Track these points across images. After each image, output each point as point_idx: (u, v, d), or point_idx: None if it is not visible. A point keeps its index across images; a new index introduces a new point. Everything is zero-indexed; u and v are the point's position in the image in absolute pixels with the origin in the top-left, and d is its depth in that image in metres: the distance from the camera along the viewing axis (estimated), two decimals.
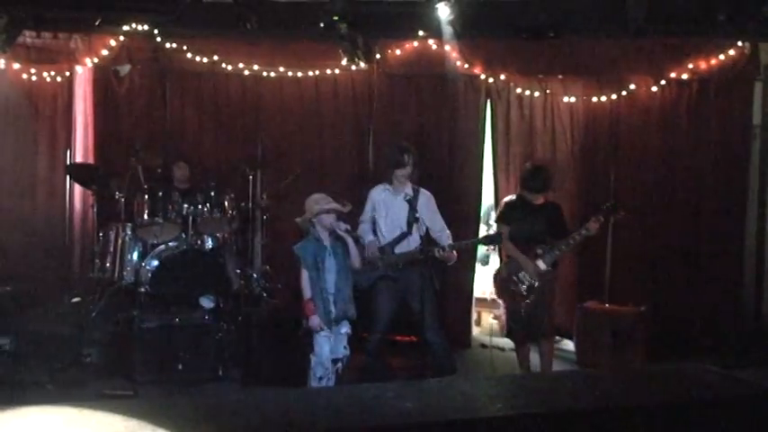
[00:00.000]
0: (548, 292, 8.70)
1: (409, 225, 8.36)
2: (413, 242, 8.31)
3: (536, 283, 8.58)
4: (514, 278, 8.66)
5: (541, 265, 8.54)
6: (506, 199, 9.26)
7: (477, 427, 4.08)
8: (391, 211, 8.47)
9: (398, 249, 8.39)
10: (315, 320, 7.34)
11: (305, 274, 7.43)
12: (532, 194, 8.78)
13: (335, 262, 7.47)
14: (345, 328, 7.55)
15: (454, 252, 8.29)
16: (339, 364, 7.50)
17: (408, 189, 8.45)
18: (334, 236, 7.51)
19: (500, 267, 9.10)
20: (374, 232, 8.54)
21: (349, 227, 7.55)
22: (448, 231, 8.51)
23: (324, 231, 7.47)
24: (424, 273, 8.02)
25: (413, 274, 8.19)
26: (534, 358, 9.09)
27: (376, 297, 8.44)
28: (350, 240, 7.52)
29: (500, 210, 9.08)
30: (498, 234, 8.88)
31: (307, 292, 7.42)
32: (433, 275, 7.96)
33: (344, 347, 7.53)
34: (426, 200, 8.52)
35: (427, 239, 8.17)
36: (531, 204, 8.80)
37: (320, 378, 7.36)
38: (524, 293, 8.60)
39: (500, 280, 8.93)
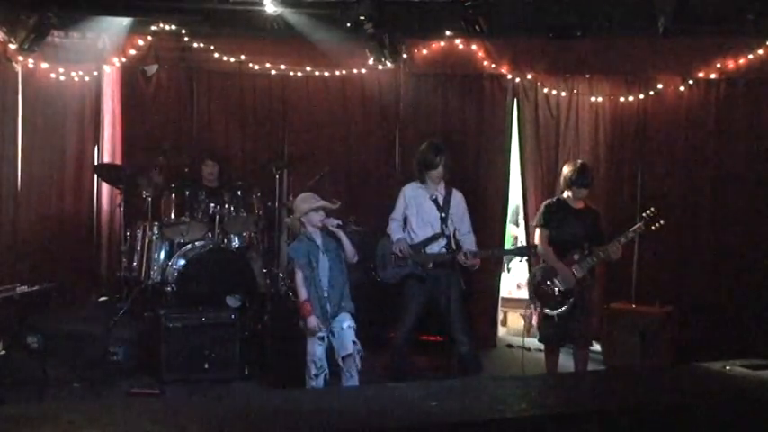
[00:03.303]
0: (584, 299, 8.48)
1: (441, 225, 8.35)
2: (443, 242, 8.31)
3: (571, 290, 8.41)
4: (549, 282, 8.46)
5: (578, 271, 8.34)
6: (546, 202, 9.11)
7: (504, 428, 4.08)
8: (422, 209, 8.41)
9: (429, 249, 8.36)
10: (312, 321, 7.32)
11: (299, 275, 7.43)
12: (580, 192, 8.54)
13: (328, 258, 7.46)
14: (348, 322, 7.48)
15: (478, 258, 8.28)
16: (357, 360, 7.45)
17: (441, 189, 8.42)
18: (325, 233, 7.50)
19: (535, 271, 8.89)
20: (404, 230, 8.51)
21: (341, 222, 7.56)
22: (473, 236, 8.46)
23: (314, 230, 7.48)
24: (451, 272, 8.04)
25: (440, 274, 8.18)
26: (567, 365, 9.01)
27: (404, 295, 8.44)
28: (342, 235, 7.51)
29: (539, 213, 8.91)
30: (528, 247, 8.83)
31: (302, 293, 7.41)
32: (460, 275, 7.95)
33: (354, 342, 7.46)
34: (458, 201, 8.49)
35: (454, 241, 8.18)
36: (572, 208, 8.60)
37: (315, 375, 7.36)
38: (559, 299, 8.42)
39: (535, 284, 8.73)
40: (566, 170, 8.75)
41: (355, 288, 7.78)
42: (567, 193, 8.62)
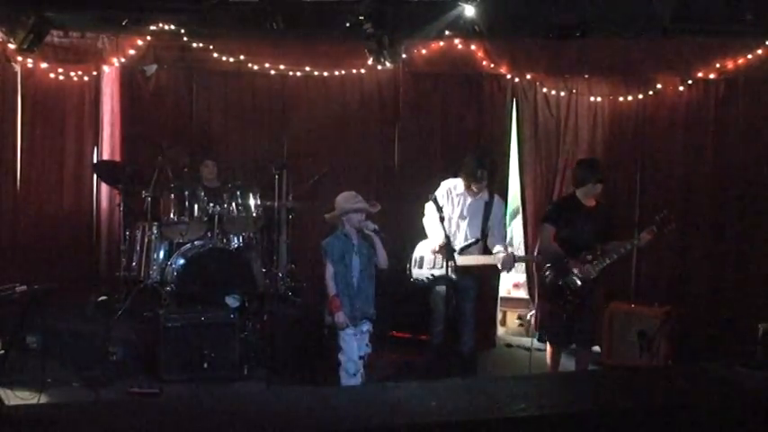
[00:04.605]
0: (594, 300, 8.50)
1: (483, 232, 8.59)
2: (481, 247, 8.63)
3: (583, 288, 8.33)
4: (561, 283, 8.40)
5: (591, 272, 8.29)
6: (557, 199, 9.07)
7: (501, 427, 4.08)
8: (470, 213, 8.64)
9: (468, 253, 8.57)
10: (341, 317, 7.33)
11: (330, 270, 7.42)
12: (595, 189, 8.49)
13: (360, 261, 7.46)
14: (367, 326, 7.53)
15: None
16: (361, 362, 7.48)
17: (486, 194, 8.64)
18: (361, 235, 7.49)
19: (546, 270, 8.84)
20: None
21: (377, 226, 7.52)
22: (505, 243, 8.74)
23: (352, 229, 7.47)
24: (474, 276, 8.45)
25: (469, 277, 8.48)
26: (567, 365, 8.99)
27: (433, 296, 8.65)
28: (377, 240, 7.50)
29: (549, 208, 8.89)
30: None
31: (332, 288, 7.41)
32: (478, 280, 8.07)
33: (366, 345, 7.52)
34: (499, 207, 8.73)
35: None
36: (583, 206, 8.54)
37: (353, 374, 7.37)
38: (570, 298, 8.36)
39: (546, 283, 8.71)
40: (578, 167, 8.74)
41: None
42: (579, 191, 8.57)
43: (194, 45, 11.06)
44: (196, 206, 10.32)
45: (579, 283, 8.29)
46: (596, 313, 8.79)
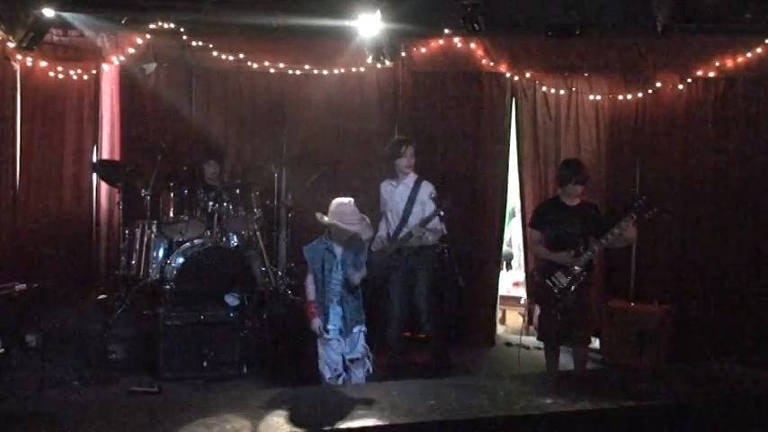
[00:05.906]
0: (583, 295, 8.36)
1: (405, 214, 8.56)
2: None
3: (570, 285, 8.27)
4: (548, 281, 8.33)
5: (573, 266, 8.24)
6: (539, 203, 9.06)
7: (501, 427, 4.08)
8: (392, 202, 8.73)
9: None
10: (316, 323, 7.23)
11: (310, 276, 7.32)
12: (575, 189, 8.41)
13: (342, 272, 7.26)
14: (358, 327, 7.36)
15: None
16: (368, 364, 7.38)
17: (410, 180, 8.69)
18: (345, 245, 7.28)
19: (533, 270, 8.81)
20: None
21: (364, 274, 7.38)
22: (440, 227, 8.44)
23: (337, 240, 7.29)
24: (421, 259, 8.48)
25: (416, 263, 8.52)
26: (567, 364, 8.98)
27: (388, 294, 8.66)
28: (357, 271, 7.30)
29: (533, 214, 8.90)
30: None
31: (310, 294, 7.30)
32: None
33: (363, 346, 7.37)
34: (426, 191, 8.60)
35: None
36: (567, 206, 8.49)
37: (329, 379, 7.28)
38: (559, 296, 8.27)
39: (534, 283, 8.72)
40: (560, 168, 8.74)
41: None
42: (562, 192, 8.58)
43: (194, 43, 11.07)
44: (195, 205, 10.33)
45: (565, 280, 8.27)
46: (590, 310, 8.70)
